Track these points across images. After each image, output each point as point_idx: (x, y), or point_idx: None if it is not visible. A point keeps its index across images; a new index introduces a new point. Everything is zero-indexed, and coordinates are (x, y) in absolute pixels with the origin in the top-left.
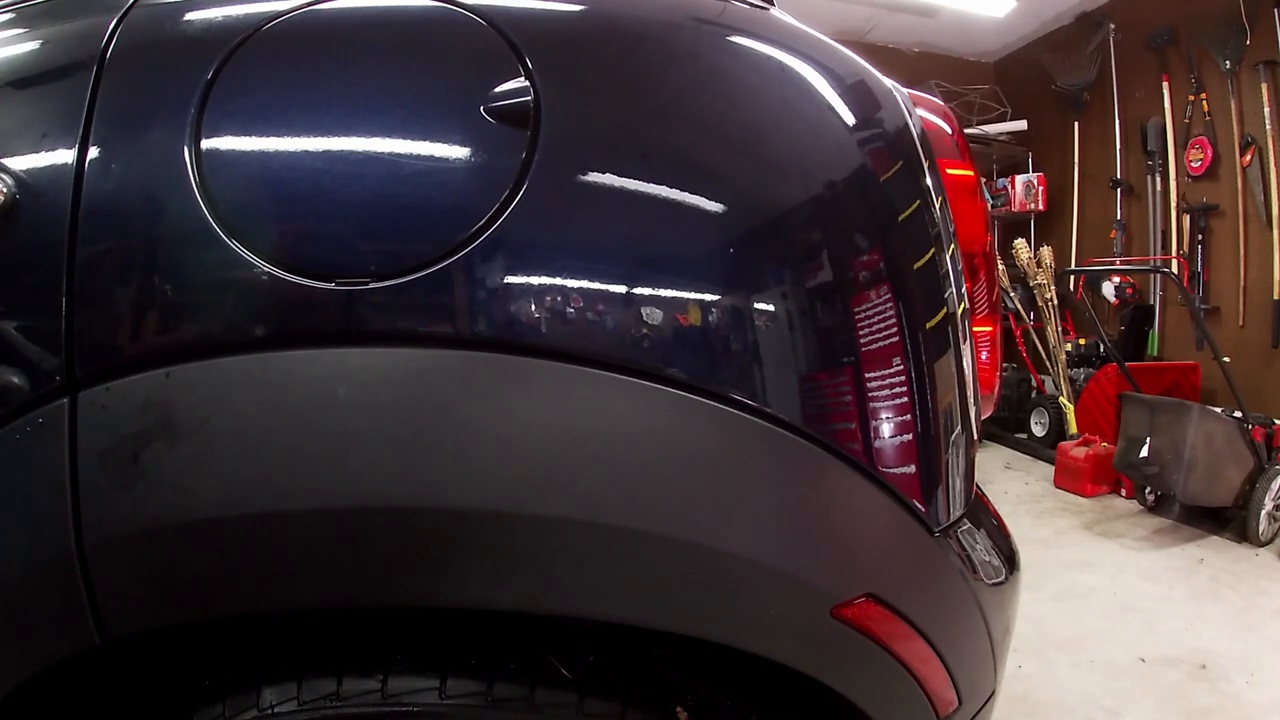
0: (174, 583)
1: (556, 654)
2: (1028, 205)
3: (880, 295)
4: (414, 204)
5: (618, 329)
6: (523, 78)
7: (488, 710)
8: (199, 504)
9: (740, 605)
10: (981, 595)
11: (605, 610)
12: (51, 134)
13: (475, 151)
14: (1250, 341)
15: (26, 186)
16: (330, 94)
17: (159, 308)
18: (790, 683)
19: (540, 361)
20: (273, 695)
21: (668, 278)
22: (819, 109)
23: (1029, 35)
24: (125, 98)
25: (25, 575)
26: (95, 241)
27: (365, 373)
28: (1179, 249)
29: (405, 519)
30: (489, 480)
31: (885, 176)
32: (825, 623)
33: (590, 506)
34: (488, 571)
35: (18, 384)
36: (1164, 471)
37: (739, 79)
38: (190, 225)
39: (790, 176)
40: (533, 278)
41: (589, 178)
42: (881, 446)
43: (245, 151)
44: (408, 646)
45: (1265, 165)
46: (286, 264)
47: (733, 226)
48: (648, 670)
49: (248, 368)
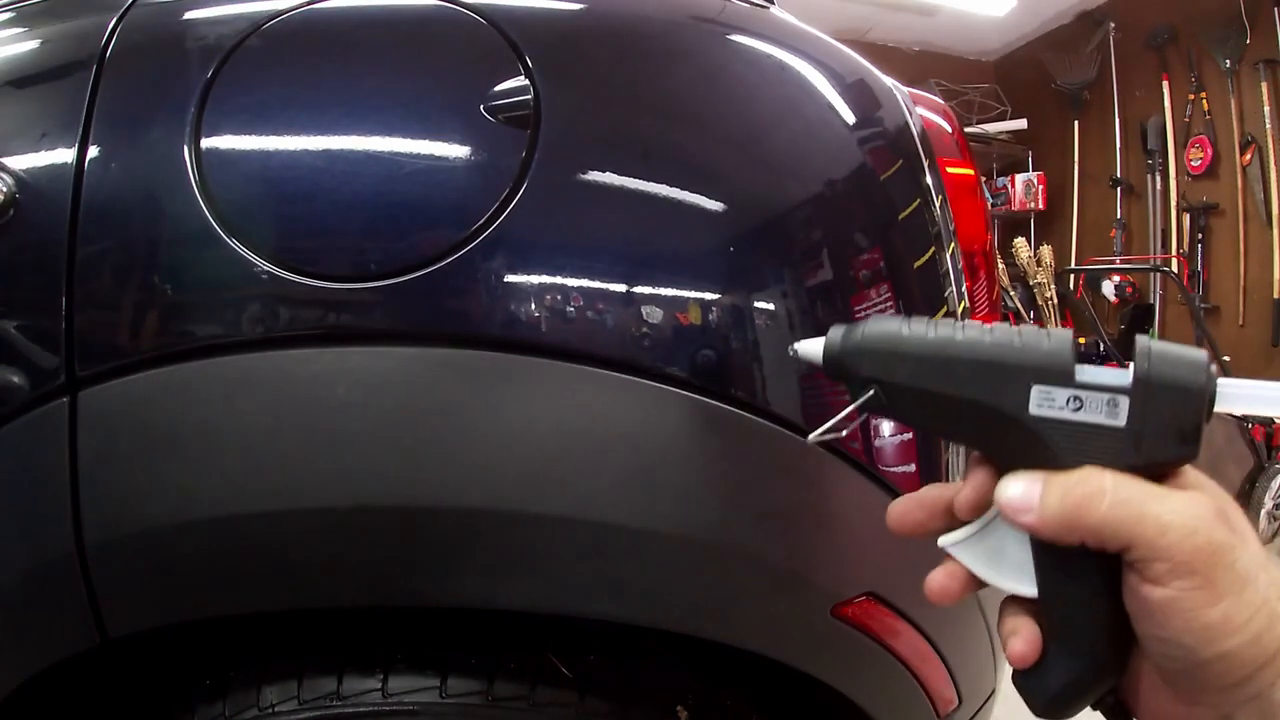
0: (174, 583)
1: (556, 654)
2: (1027, 204)
3: (880, 294)
4: (414, 203)
5: (619, 327)
6: (522, 76)
7: (488, 709)
8: (199, 504)
9: (741, 604)
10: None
11: (605, 609)
12: (51, 133)
13: (475, 150)
14: (1250, 340)
15: (26, 186)
16: (330, 93)
17: (159, 307)
18: (790, 682)
19: (541, 360)
20: (273, 694)
21: (668, 276)
22: (819, 108)
23: (1029, 34)
24: (125, 97)
25: (25, 575)
26: (95, 241)
27: (366, 372)
28: (1179, 248)
29: (405, 518)
30: (490, 479)
31: (885, 175)
32: (826, 622)
33: (591, 505)
34: (488, 571)
35: (18, 383)
36: None
37: (739, 78)
38: (190, 224)
39: (791, 175)
40: (533, 276)
41: (589, 176)
42: (882, 445)
43: (245, 150)
44: (408, 646)
45: (1265, 164)
46: (287, 263)
47: (733, 225)
48: (648, 670)
49: (248, 367)
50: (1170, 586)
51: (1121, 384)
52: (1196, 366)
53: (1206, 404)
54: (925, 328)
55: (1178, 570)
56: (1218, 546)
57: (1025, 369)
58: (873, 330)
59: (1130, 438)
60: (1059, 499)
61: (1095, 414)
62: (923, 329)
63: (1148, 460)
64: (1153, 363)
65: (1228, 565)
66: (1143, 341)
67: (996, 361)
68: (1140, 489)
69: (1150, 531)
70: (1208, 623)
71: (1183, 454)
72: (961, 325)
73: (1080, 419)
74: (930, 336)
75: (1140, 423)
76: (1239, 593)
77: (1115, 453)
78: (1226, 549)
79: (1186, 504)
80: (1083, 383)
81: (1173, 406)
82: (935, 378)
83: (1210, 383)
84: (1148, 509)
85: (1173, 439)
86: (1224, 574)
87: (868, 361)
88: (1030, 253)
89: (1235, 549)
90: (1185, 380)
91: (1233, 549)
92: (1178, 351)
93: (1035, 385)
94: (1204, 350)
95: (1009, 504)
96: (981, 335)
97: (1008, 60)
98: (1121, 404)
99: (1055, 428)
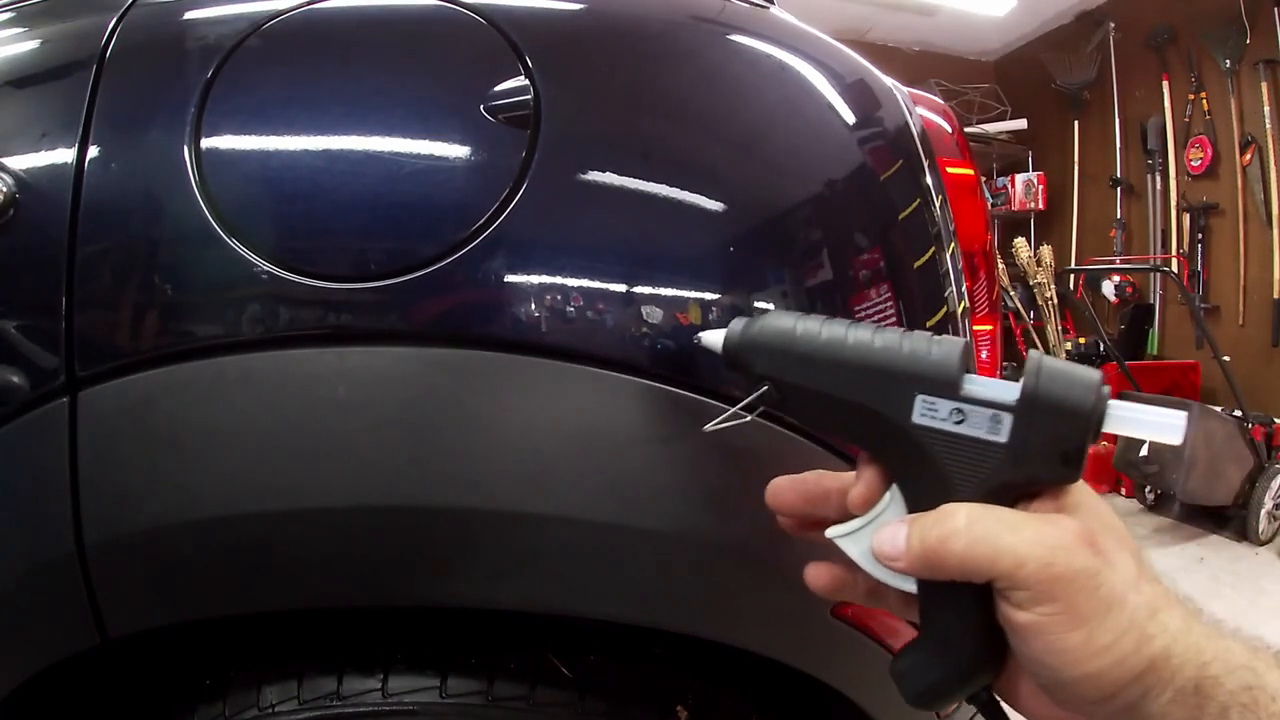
0: (174, 582)
1: (556, 654)
2: (1027, 204)
3: (880, 294)
4: (414, 202)
5: (619, 328)
6: (522, 76)
7: (488, 709)
8: (199, 504)
9: (741, 604)
10: None
11: (606, 609)
12: (51, 133)
13: (475, 150)
14: (1250, 340)
15: (26, 186)
16: (330, 93)
17: (159, 307)
18: (790, 681)
19: (541, 360)
20: (273, 694)
21: (669, 276)
22: (819, 108)
23: (1029, 34)
24: (125, 97)
25: (25, 575)
26: (95, 240)
27: (366, 372)
28: (1179, 248)
29: (405, 518)
30: (490, 479)
31: (885, 175)
32: (825, 621)
33: (592, 505)
34: (488, 571)
35: (18, 383)
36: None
37: (739, 78)
38: (190, 224)
39: (790, 175)
40: (533, 276)
41: (589, 176)
42: None
43: (245, 150)
44: (408, 646)
45: (1265, 164)
46: (287, 263)
47: (733, 225)
48: (648, 670)
49: (248, 367)
50: (1033, 612)
51: (1007, 400)
52: (1086, 388)
53: (1093, 427)
54: (818, 327)
55: (1037, 598)
56: (1077, 574)
57: (911, 377)
58: (767, 327)
59: (1011, 455)
60: (919, 542)
61: (978, 429)
62: (815, 328)
63: (1028, 479)
64: (1041, 381)
65: (1090, 591)
66: (1034, 358)
67: (883, 368)
68: (995, 522)
69: (1007, 565)
70: (1068, 646)
71: (1064, 475)
72: (853, 326)
73: (962, 432)
74: (821, 338)
75: (1023, 441)
76: (1102, 618)
77: (994, 468)
78: (1088, 575)
79: (1044, 533)
80: (967, 396)
81: (1057, 427)
82: (824, 379)
83: (1099, 405)
84: (1002, 543)
85: (1055, 460)
86: (1086, 600)
87: (761, 358)
88: (1030, 253)
89: (1099, 574)
90: (1073, 402)
91: (1096, 574)
92: (1069, 371)
93: (919, 395)
94: (1098, 371)
95: (880, 554)
96: (870, 339)
97: (1008, 60)
98: (1005, 420)
99: (937, 438)
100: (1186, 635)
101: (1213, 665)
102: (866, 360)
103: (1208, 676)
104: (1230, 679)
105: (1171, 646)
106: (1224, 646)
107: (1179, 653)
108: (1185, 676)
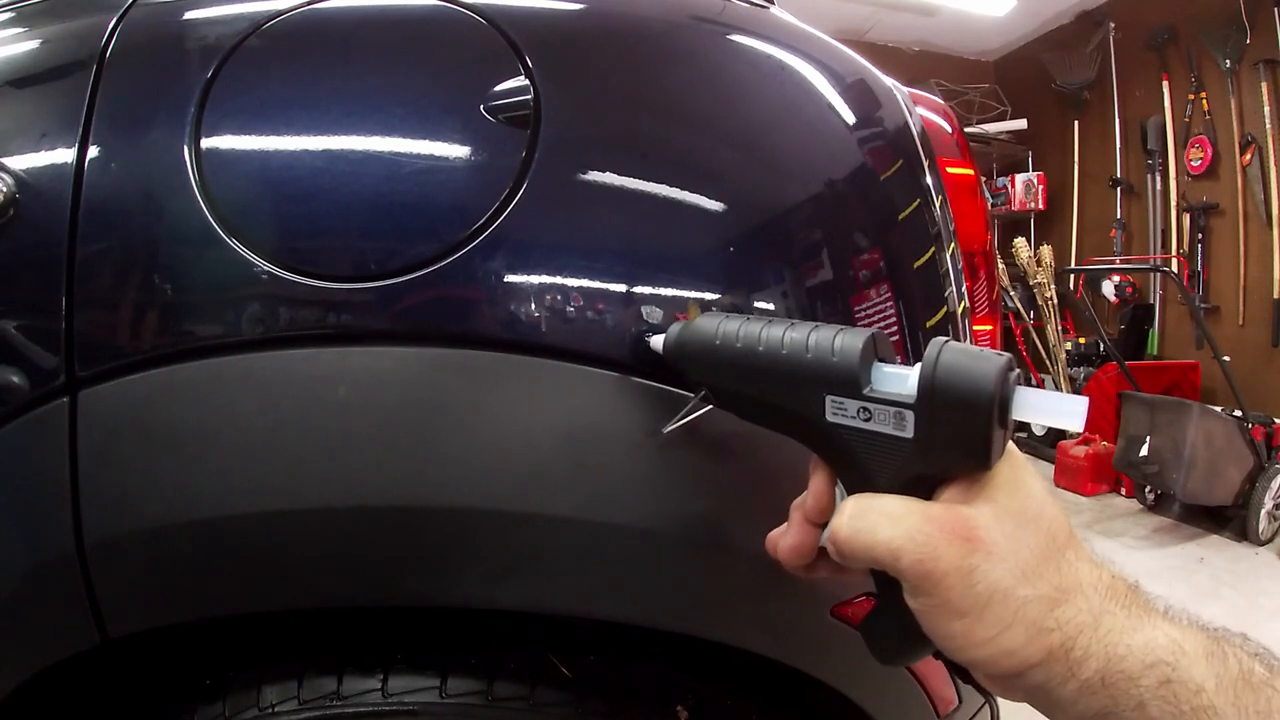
0: (174, 582)
1: (556, 654)
2: (1027, 204)
3: (880, 294)
4: (414, 202)
5: (619, 327)
6: (522, 76)
7: (488, 710)
8: (199, 504)
9: (741, 604)
10: None
11: (606, 610)
12: (51, 133)
13: (475, 150)
14: (1250, 340)
15: (26, 186)
16: (330, 93)
17: (159, 307)
18: (790, 682)
19: (541, 360)
20: (273, 694)
21: (668, 276)
22: (819, 108)
23: (1029, 34)
24: (125, 97)
25: (25, 575)
26: (95, 240)
27: (366, 372)
28: (1179, 248)
29: (405, 518)
30: (490, 479)
31: (885, 175)
32: (825, 621)
33: (592, 505)
34: (488, 571)
35: (18, 383)
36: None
37: (739, 77)
38: (190, 224)
39: (790, 175)
40: (533, 276)
41: (589, 176)
42: None
43: (245, 150)
44: (408, 646)
45: (1265, 164)
46: (287, 263)
47: (733, 225)
48: (648, 670)
49: (248, 367)
50: (915, 600)
51: (905, 398)
52: (984, 378)
53: (995, 416)
54: (736, 329)
55: (914, 590)
56: (945, 572)
57: (817, 378)
58: (691, 334)
59: (918, 448)
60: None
61: (884, 425)
62: (734, 332)
63: (939, 469)
64: (937, 375)
65: (964, 587)
66: (932, 348)
67: (792, 370)
68: (879, 515)
69: (886, 557)
70: (951, 634)
71: (970, 465)
72: (768, 325)
73: (871, 428)
74: (738, 344)
75: (927, 434)
76: (980, 612)
77: (904, 462)
78: (960, 573)
79: (918, 529)
80: (868, 395)
81: (957, 419)
82: (745, 383)
83: (998, 392)
84: (879, 536)
85: (959, 451)
86: (960, 595)
87: (691, 364)
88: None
89: (975, 570)
90: (968, 394)
91: (970, 571)
92: (965, 362)
93: (827, 395)
94: (1001, 356)
95: (827, 544)
96: (780, 341)
97: (1008, 60)
98: (908, 416)
99: (852, 434)
100: (1095, 629)
101: (1126, 660)
102: (778, 363)
103: (1118, 671)
104: (1147, 675)
105: (1075, 640)
106: (1146, 639)
107: (1083, 646)
108: (1090, 669)
